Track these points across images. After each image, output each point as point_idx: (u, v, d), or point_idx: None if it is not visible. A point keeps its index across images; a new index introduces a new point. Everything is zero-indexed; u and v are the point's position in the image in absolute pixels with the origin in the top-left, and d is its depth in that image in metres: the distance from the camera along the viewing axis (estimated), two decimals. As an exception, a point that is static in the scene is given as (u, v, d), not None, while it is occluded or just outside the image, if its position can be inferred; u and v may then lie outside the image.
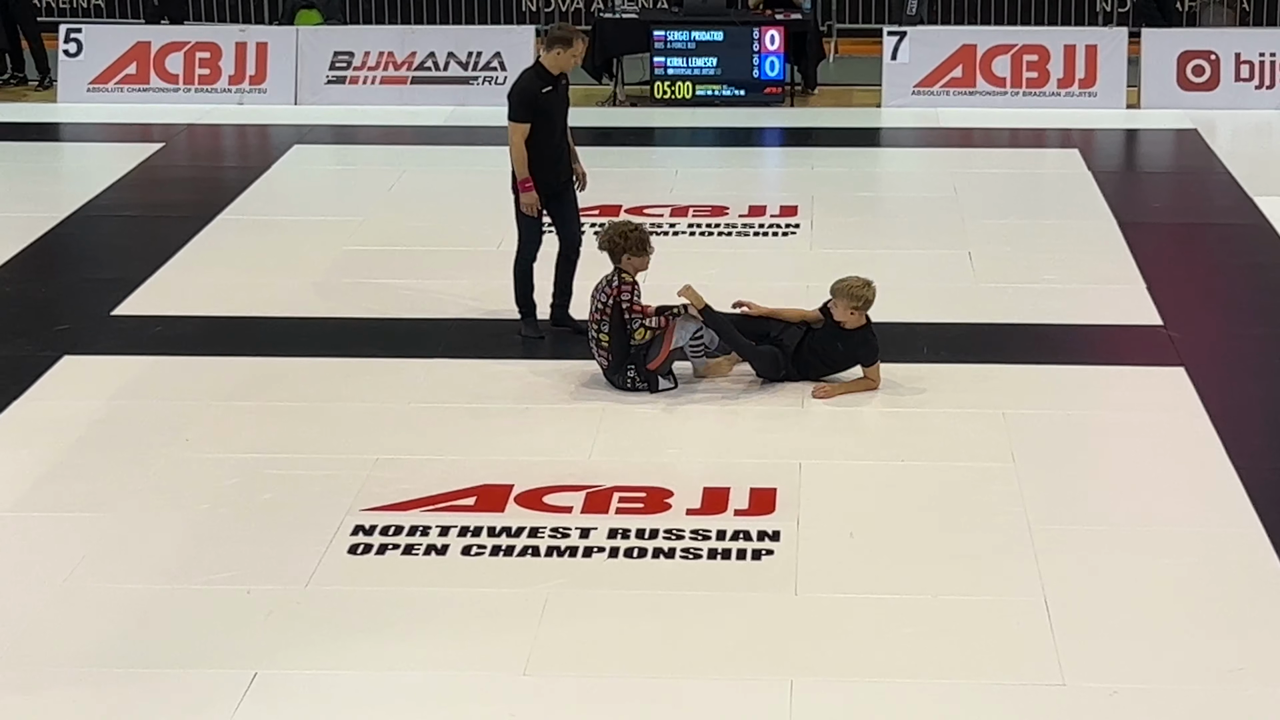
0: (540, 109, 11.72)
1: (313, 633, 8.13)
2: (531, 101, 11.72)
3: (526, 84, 11.82)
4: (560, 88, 11.88)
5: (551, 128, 11.81)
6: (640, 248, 11.00)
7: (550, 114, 11.79)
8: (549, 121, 11.78)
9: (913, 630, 8.13)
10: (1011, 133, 18.40)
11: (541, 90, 11.76)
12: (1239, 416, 10.62)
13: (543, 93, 11.75)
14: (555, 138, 11.86)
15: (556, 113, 11.86)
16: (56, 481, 9.79)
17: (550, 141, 11.81)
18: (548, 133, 11.78)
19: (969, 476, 9.81)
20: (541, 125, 11.73)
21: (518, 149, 11.71)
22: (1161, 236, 14.48)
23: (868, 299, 10.90)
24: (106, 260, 14.24)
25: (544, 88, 11.77)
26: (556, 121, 11.85)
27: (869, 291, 10.91)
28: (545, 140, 11.77)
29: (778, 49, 19.39)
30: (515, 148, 11.72)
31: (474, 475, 9.75)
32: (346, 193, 16.15)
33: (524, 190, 11.79)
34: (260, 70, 19.78)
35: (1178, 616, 8.27)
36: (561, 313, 12.10)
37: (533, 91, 11.76)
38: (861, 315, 10.90)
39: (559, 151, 11.91)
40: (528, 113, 11.70)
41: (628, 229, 11.07)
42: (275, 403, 10.90)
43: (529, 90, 11.76)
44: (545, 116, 11.75)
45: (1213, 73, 19.42)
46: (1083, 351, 11.75)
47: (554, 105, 11.83)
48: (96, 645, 8.01)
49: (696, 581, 8.62)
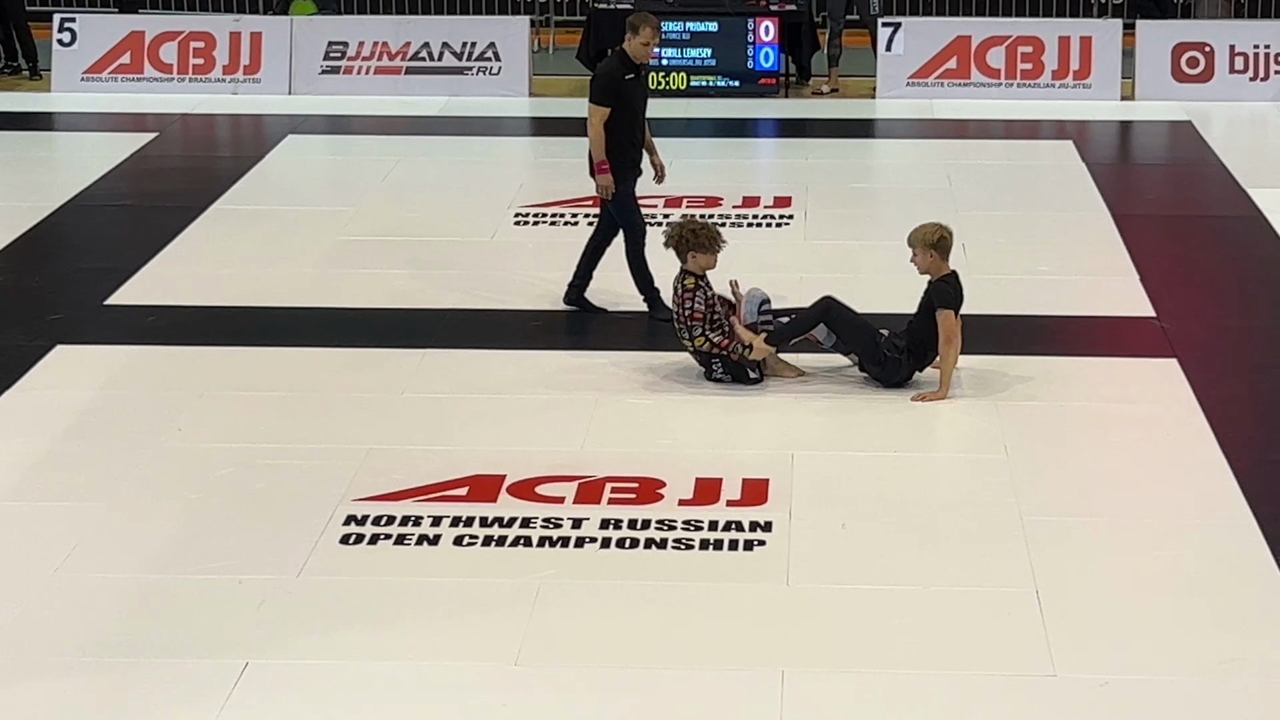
0: (621, 95, 11.78)
1: (304, 622, 8.13)
2: (614, 86, 11.81)
3: (610, 69, 11.92)
4: (642, 77, 11.93)
5: (631, 115, 11.87)
6: (710, 244, 10.83)
7: (631, 101, 11.85)
8: (629, 109, 11.85)
9: (904, 621, 8.13)
10: (1006, 124, 18.40)
11: (624, 76, 11.82)
12: (1231, 408, 10.63)
13: (625, 79, 11.82)
14: (635, 125, 11.91)
15: (637, 100, 11.91)
16: (48, 471, 9.78)
17: (630, 128, 11.88)
18: (627, 119, 11.85)
19: (961, 468, 9.82)
20: (621, 111, 11.80)
21: (596, 131, 11.81)
22: (1155, 228, 14.49)
23: (942, 235, 10.77)
24: (99, 250, 14.24)
25: (626, 74, 11.83)
26: (637, 110, 11.91)
27: (942, 230, 10.81)
28: (624, 127, 11.85)
29: (772, 40, 19.38)
30: (594, 130, 11.82)
31: (466, 465, 9.75)
32: (340, 183, 16.15)
33: (600, 172, 11.86)
34: (254, 60, 19.77)
35: (1169, 608, 8.28)
36: (577, 293, 12.15)
37: (616, 76, 11.84)
38: (940, 259, 10.74)
39: (637, 140, 11.97)
40: (609, 97, 11.79)
41: (696, 226, 10.93)
42: (268, 392, 10.89)
43: (612, 75, 11.85)
44: (626, 103, 11.82)
45: (1207, 65, 19.42)
46: (1075, 343, 11.75)
47: (635, 93, 11.88)
48: (88, 635, 8.00)
49: (688, 572, 8.62)
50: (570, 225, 14.44)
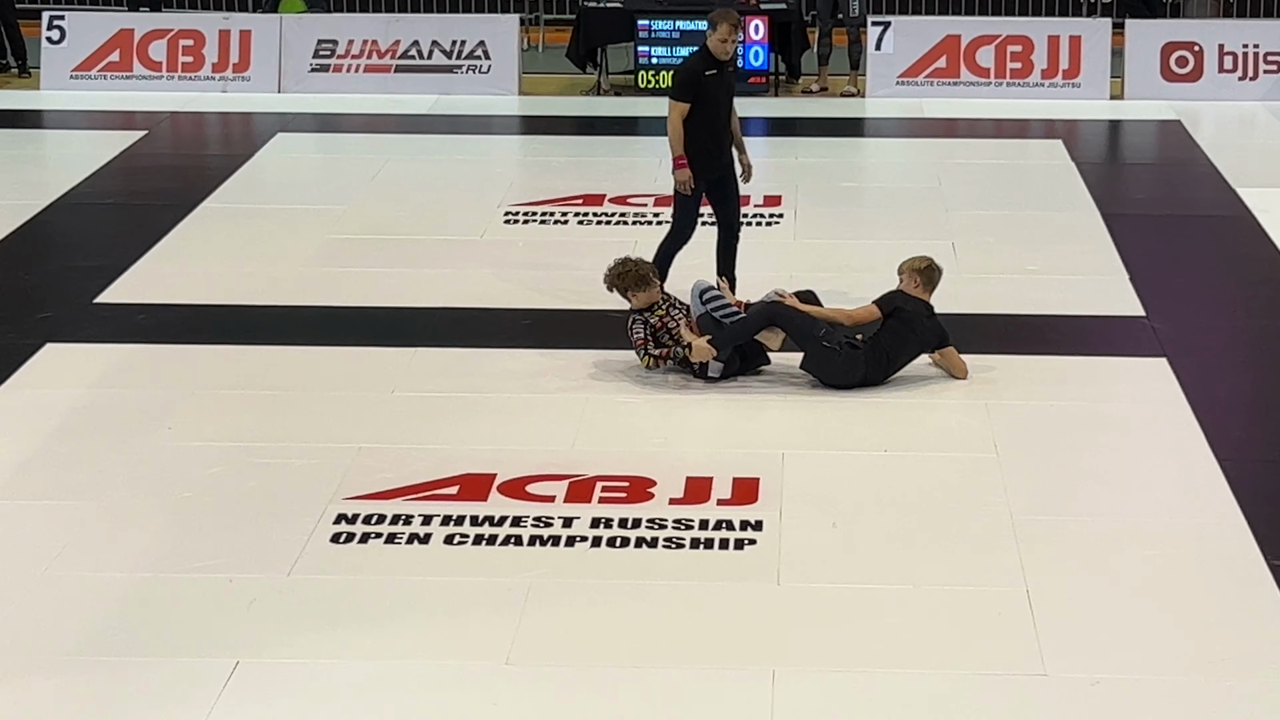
0: (702, 91, 11.76)
1: (295, 621, 8.12)
2: (693, 82, 11.80)
3: (692, 65, 11.93)
4: (725, 73, 11.89)
5: (712, 112, 11.84)
6: (640, 283, 11.03)
7: (712, 98, 11.82)
8: (710, 105, 11.82)
9: (895, 620, 8.13)
10: (995, 123, 18.42)
11: (705, 73, 11.80)
12: (1221, 407, 10.64)
13: (706, 75, 11.79)
14: (716, 122, 11.88)
15: (719, 98, 11.87)
16: (38, 470, 9.77)
17: (710, 125, 11.85)
18: (708, 116, 11.82)
19: (952, 467, 9.82)
20: (702, 108, 11.78)
21: (674, 127, 11.80)
22: (1144, 227, 14.50)
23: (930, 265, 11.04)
24: (89, 248, 14.22)
25: (707, 70, 11.80)
26: (718, 106, 11.87)
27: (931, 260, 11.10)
28: (705, 123, 11.82)
29: (762, 39, 19.39)
30: (672, 125, 11.82)
31: (457, 464, 9.74)
32: (330, 181, 16.13)
33: (678, 167, 11.86)
34: (244, 58, 19.75)
35: (1159, 607, 8.28)
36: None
37: (696, 72, 11.83)
38: (921, 287, 10.97)
39: (720, 136, 11.94)
40: (687, 93, 11.78)
41: (629, 267, 11.11)
42: (258, 391, 10.89)
43: (693, 71, 11.85)
44: (706, 100, 11.79)
45: (1196, 64, 19.45)
46: (1065, 342, 11.76)
47: (717, 90, 11.84)
48: (77, 634, 8.00)
49: (679, 571, 8.62)
50: (560, 224, 14.44)
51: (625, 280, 11.08)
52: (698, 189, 11.98)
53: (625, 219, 14.55)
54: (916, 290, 11.00)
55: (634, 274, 11.08)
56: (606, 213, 14.73)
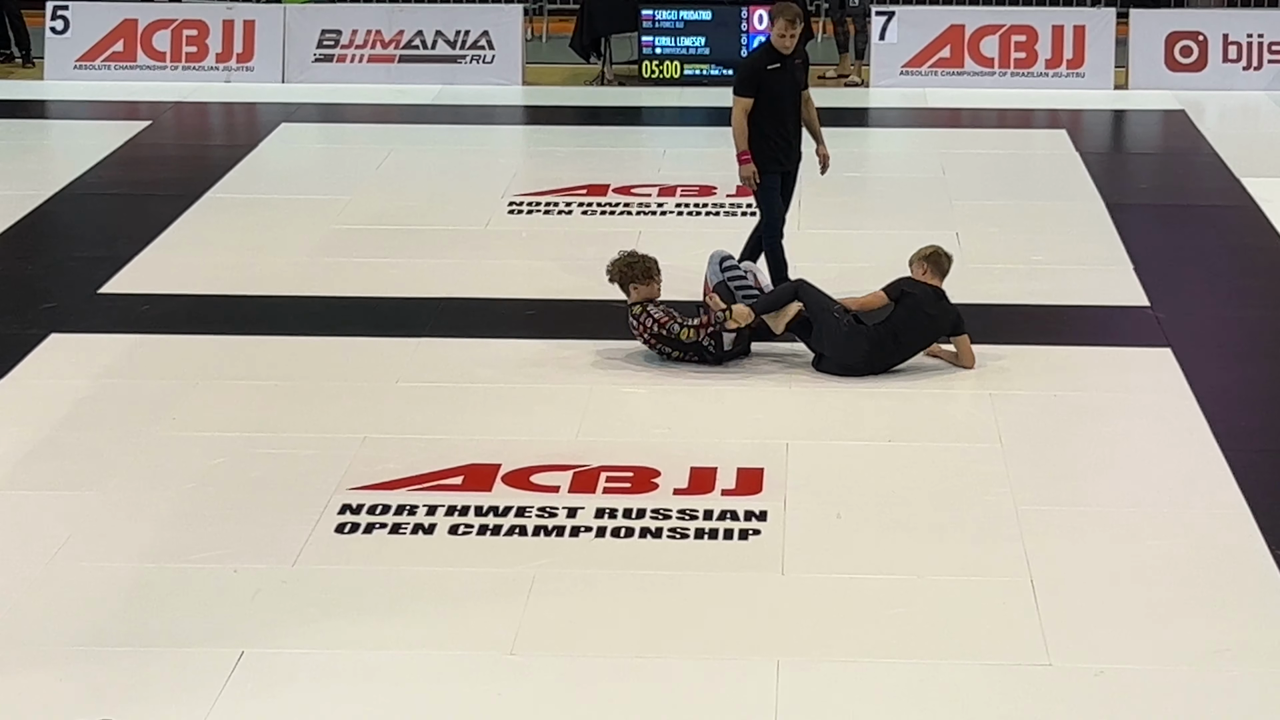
0: (765, 86, 11.73)
1: (299, 611, 8.13)
2: (754, 77, 11.78)
3: (753, 59, 11.98)
4: (791, 68, 11.82)
5: (778, 106, 11.80)
6: (645, 276, 11.03)
7: (776, 93, 11.78)
8: (774, 100, 11.78)
9: (899, 610, 8.13)
10: (999, 113, 18.40)
11: (767, 67, 11.77)
12: (1225, 397, 10.64)
13: (768, 69, 11.76)
14: (781, 117, 11.83)
15: (784, 92, 11.81)
16: (42, 460, 9.78)
17: (777, 120, 11.82)
18: (773, 111, 11.78)
19: (956, 457, 9.82)
20: (766, 103, 11.75)
21: (737, 122, 11.79)
22: (1149, 217, 14.49)
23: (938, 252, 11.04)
24: (93, 238, 14.22)
25: (770, 64, 11.78)
26: (783, 101, 11.82)
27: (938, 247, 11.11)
28: (771, 118, 11.79)
29: (766, 29, 19.34)
30: (735, 121, 11.81)
31: (461, 454, 9.75)
32: (334, 171, 16.12)
33: (741, 163, 11.85)
34: (248, 48, 19.75)
35: (1163, 597, 8.28)
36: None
37: (757, 67, 11.82)
38: (931, 273, 10.99)
39: (788, 131, 11.88)
40: (749, 88, 11.76)
41: (633, 259, 11.11)
42: (262, 381, 10.89)
43: (753, 66, 11.85)
44: (771, 94, 11.75)
45: (1201, 54, 19.43)
46: (1070, 332, 11.76)
47: (781, 84, 11.79)
48: (82, 624, 8.00)
49: (683, 561, 8.63)
50: (564, 214, 14.44)
51: (633, 271, 11.05)
52: (769, 182, 11.92)
53: (629, 209, 14.55)
54: (925, 276, 11.01)
55: (641, 266, 11.07)
56: (610, 203, 14.73)
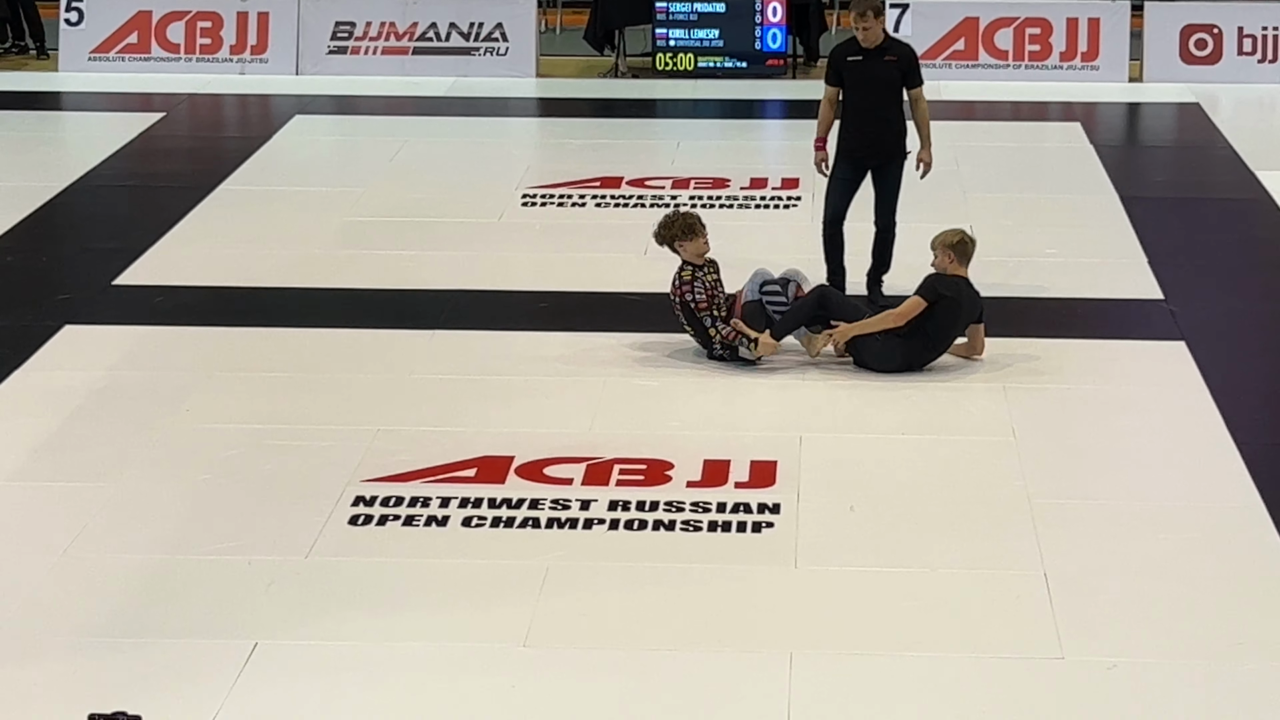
0: (846, 77, 11.77)
1: (313, 603, 8.14)
2: (834, 66, 11.85)
3: (836, 49, 11.97)
4: (877, 62, 11.75)
5: (860, 98, 11.79)
6: (688, 230, 10.93)
7: (860, 85, 11.78)
8: (858, 92, 11.79)
9: (912, 603, 8.13)
10: (1013, 106, 18.38)
11: (847, 57, 11.81)
12: (1239, 391, 10.62)
13: (848, 60, 11.80)
14: (861, 110, 11.80)
15: (869, 85, 11.77)
16: (57, 451, 9.79)
17: (859, 111, 11.81)
18: (855, 102, 11.80)
19: (969, 450, 9.82)
20: (850, 93, 11.80)
21: (820, 108, 11.93)
22: (1163, 211, 14.47)
23: (962, 239, 10.88)
24: (107, 230, 14.23)
25: (850, 55, 11.81)
26: (868, 94, 11.78)
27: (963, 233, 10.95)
28: (853, 109, 11.82)
29: (780, 21, 19.36)
30: (820, 108, 11.93)
31: (475, 446, 9.75)
32: (348, 163, 16.14)
33: (815, 149, 11.94)
34: (261, 40, 19.75)
35: (1177, 591, 8.28)
36: (870, 281, 12.07)
37: (838, 56, 11.88)
38: (955, 261, 10.84)
39: (871, 124, 11.81)
40: (830, 76, 11.87)
41: (673, 217, 11.04)
42: (276, 373, 10.90)
43: (836, 55, 11.91)
44: (853, 85, 11.78)
45: (1215, 46, 19.40)
46: (1083, 326, 11.74)
47: (865, 77, 11.77)
48: (97, 615, 8.02)
49: (696, 554, 8.63)
50: (578, 207, 14.44)
51: (674, 228, 10.93)
52: (839, 171, 11.92)
53: (643, 201, 14.54)
54: (953, 266, 10.87)
55: (681, 222, 10.95)
56: (624, 195, 14.73)
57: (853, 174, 11.94)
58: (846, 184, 11.96)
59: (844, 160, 11.91)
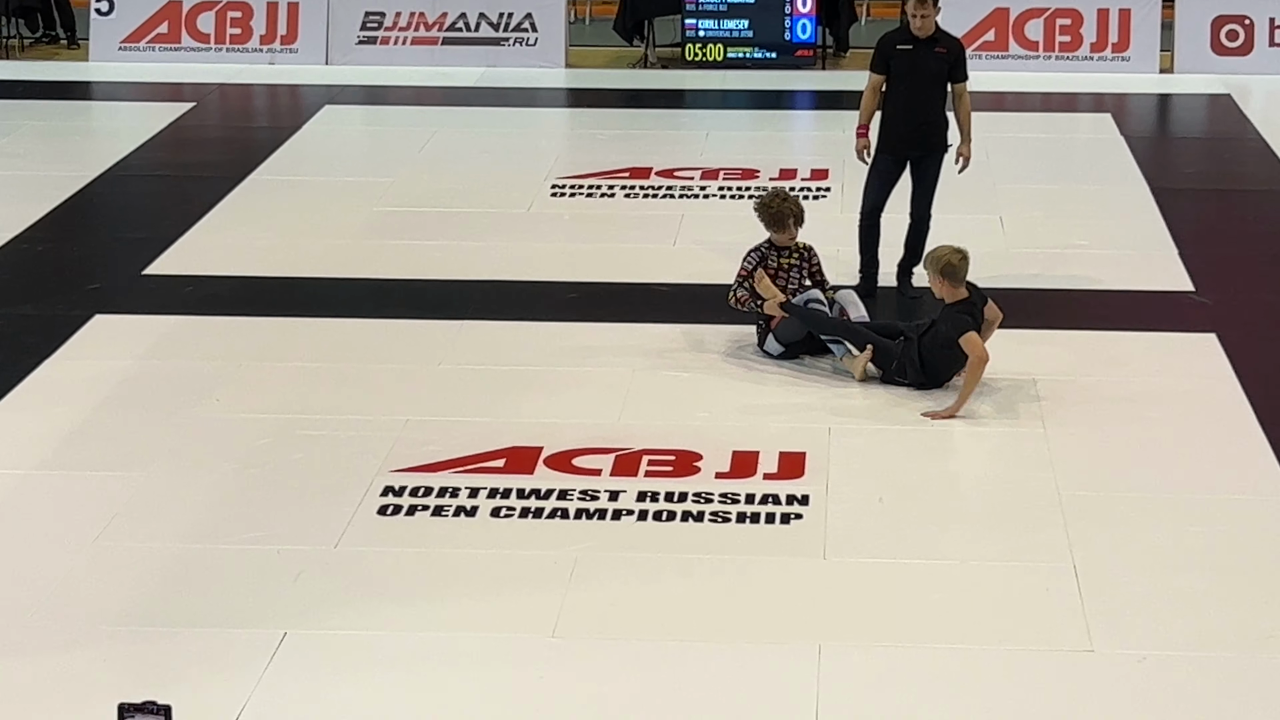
0: (894, 65, 11.73)
1: (342, 593, 8.15)
2: (882, 53, 11.79)
3: (886, 36, 11.94)
4: (928, 53, 11.71)
5: (906, 87, 11.74)
6: (773, 223, 10.95)
7: (907, 74, 11.72)
8: (905, 80, 11.74)
9: (941, 596, 8.12)
10: (1044, 96, 18.33)
11: (897, 45, 11.77)
12: (1270, 382, 10.59)
13: (898, 48, 11.75)
14: (908, 100, 11.76)
15: (917, 75, 11.72)
16: (87, 440, 9.82)
17: (904, 101, 11.77)
18: (902, 91, 11.76)
19: (998, 442, 9.80)
20: (897, 82, 11.75)
21: (864, 96, 11.89)
22: (1194, 202, 14.43)
23: (949, 262, 10.21)
24: (137, 220, 14.27)
25: (900, 43, 11.76)
26: (916, 83, 11.73)
27: (951, 256, 10.26)
28: (898, 98, 11.77)
29: (809, 11, 19.32)
30: (864, 95, 11.89)
31: (503, 437, 9.76)
32: (377, 154, 16.15)
33: (857, 135, 11.93)
34: (291, 30, 19.78)
35: (1207, 583, 8.25)
36: (900, 271, 12.06)
37: (887, 43, 11.83)
38: (952, 286, 10.27)
39: (916, 114, 11.78)
40: (876, 63, 11.81)
41: (765, 203, 11.02)
42: (305, 363, 10.92)
43: (884, 41, 11.86)
44: (901, 74, 11.74)
45: (1247, 37, 19.32)
46: (1114, 317, 11.71)
47: (913, 66, 11.72)
48: (127, 604, 8.04)
49: (725, 545, 8.63)
50: (607, 197, 14.43)
51: (762, 215, 11.01)
52: (880, 163, 11.90)
53: (672, 192, 14.54)
54: (952, 291, 10.28)
55: (770, 210, 10.97)
56: (653, 186, 14.72)
57: (893, 167, 11.92)
58: (887, 176, 11.94)
59: (885, 153, 11.89)
